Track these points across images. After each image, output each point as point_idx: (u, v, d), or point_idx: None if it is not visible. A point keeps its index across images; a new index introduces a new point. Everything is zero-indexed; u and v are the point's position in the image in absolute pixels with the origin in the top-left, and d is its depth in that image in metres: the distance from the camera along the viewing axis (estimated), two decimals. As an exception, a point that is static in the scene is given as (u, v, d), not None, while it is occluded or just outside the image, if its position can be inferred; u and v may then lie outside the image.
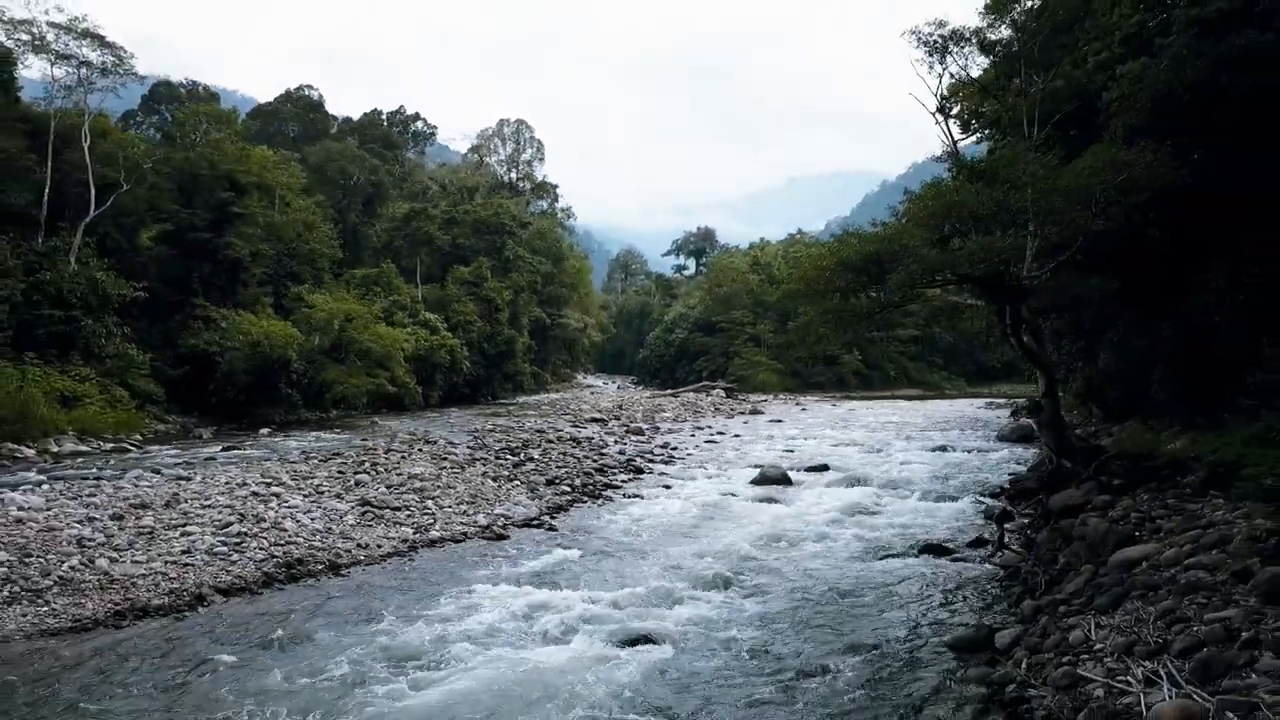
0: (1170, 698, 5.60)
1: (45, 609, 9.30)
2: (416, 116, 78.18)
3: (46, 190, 29.24)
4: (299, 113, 68.17)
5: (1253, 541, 7.24)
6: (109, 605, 9.49)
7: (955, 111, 22.70)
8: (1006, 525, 12.24)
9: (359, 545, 12.47)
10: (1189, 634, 6.43)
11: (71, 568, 10.22)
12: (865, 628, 9.01)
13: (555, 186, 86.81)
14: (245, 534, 12.15)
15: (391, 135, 71.08)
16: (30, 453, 21.78)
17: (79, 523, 11.98)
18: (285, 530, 12.58)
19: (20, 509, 12.48)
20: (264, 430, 29.45)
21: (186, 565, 10.79)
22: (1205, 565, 7.42)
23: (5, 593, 9.47)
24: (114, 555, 10.84)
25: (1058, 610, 8.21)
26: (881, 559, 11.90)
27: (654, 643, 8.47)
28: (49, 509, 12.69)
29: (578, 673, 7.67)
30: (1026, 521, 11.91)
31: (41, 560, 10.36)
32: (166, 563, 10.79)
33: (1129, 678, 6.21)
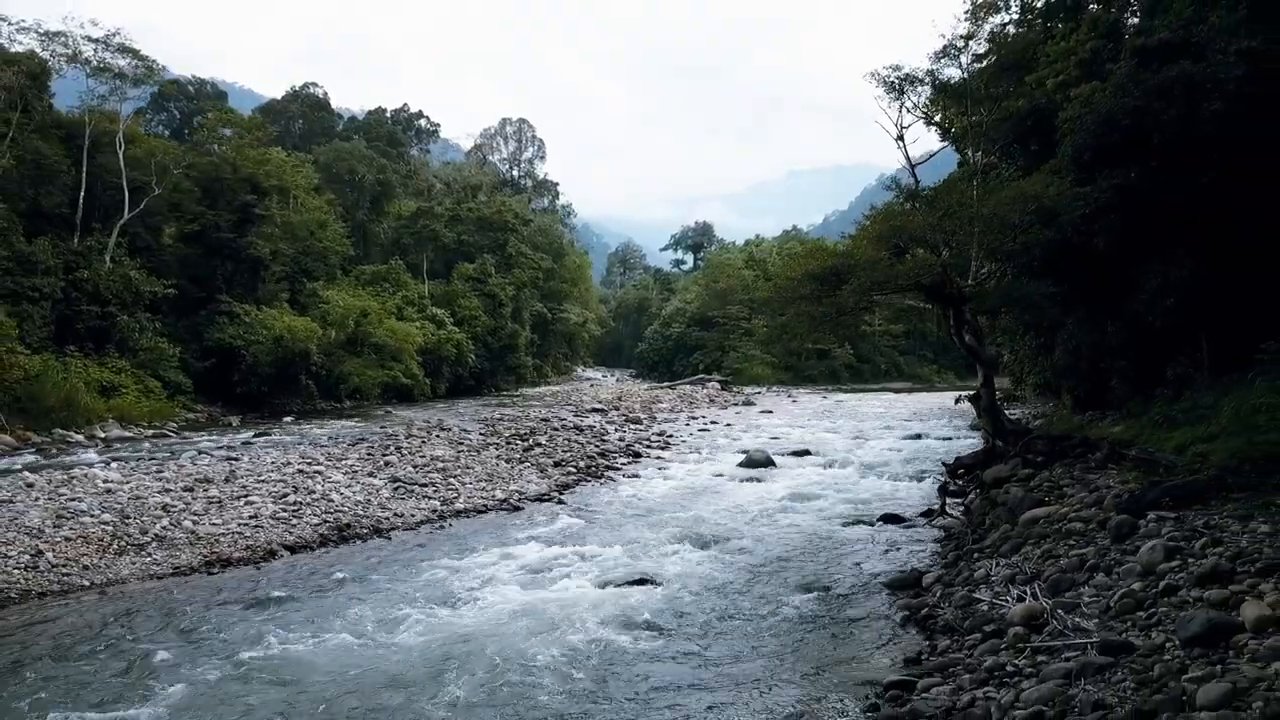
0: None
1: (149, 559, 11.32)
2: (420, 114, 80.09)
3: (81, 193, 31.19)
4: (305, 111, 69.97)
5: (1115, 499, 9.27)
6: (200, 557, 11.53)
7: (937, 119, 24.74)
8: (954, 497, 14.27)
9: (396, 514, 14.48)
10: (1056, 566, 8.46)
11: (164, 527, 12.25)
12: (823, 574, 11.03)
13: (556, 184, 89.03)
14: (301, 503, 14.18)
15: (396, 133, 72.95)
16: (79, 437, 23.79)
17: (158, 493, 14.00)
18: (333, 501, 14.60)
19: (105, 481, 14.52)
20: (286, 419, 31.51)
21: (256, 527, 12.82)
22: (1082, 518, 9.46)
23: (115, 546, 11.50)
24: (195, 518, 12.87)
25: (972, 557, 10.26)
26: (845, 526, 13.90)
27: (651, 583, 10.49)
28: (128, 482, 14.71)
29: (591, 601, 9.71)
30: (969, 493, 13.92)
31: (138, 521, 12.39)
32: (239, 525, 12.82)
33: (1008, 597, 8.24)
